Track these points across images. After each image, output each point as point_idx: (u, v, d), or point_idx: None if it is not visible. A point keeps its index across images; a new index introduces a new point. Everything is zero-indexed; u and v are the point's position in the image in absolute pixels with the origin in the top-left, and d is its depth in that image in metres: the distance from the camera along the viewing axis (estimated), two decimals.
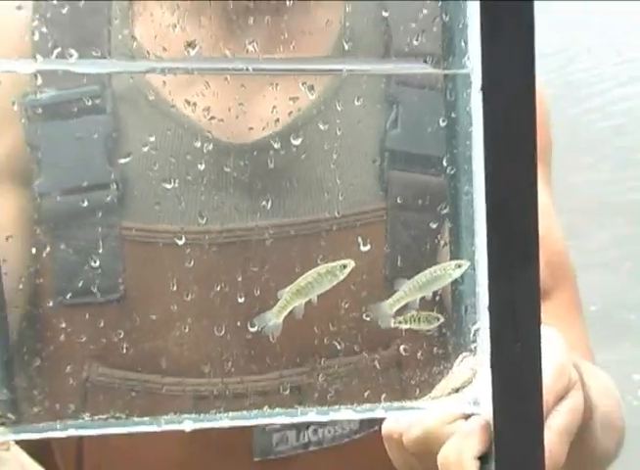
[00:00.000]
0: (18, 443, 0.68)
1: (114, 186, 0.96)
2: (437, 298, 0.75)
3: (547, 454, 0.57)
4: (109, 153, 0.96)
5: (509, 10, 0.54)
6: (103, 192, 0.96)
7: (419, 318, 0.75)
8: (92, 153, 0.96)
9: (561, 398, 0.72)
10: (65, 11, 0.88)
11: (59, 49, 0.82)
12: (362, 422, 0.93)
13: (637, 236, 4.44)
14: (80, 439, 0.92)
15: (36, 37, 0.89)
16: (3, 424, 0.68)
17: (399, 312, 0.75)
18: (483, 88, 0.55)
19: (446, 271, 0.71)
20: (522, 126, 0.55)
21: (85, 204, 0.95)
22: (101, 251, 0.96)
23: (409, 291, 0.74)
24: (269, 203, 0.95)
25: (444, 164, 0.77)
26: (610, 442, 0.90)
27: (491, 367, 0.57)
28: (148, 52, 0.96)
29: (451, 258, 0.78)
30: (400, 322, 0.75)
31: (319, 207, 0.98)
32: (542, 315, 0.56)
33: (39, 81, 0.89)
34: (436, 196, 0.88)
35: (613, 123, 6.02)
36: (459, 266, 0.70)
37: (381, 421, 0.73)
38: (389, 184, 1.01)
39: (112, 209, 0.96)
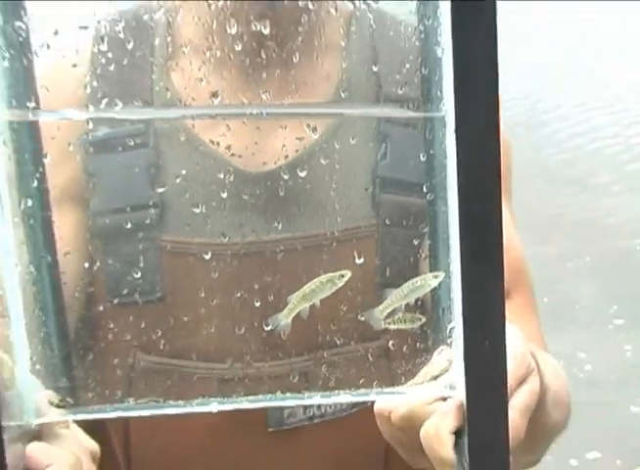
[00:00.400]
0: (75, 422, 0.71)
1: (155, 207, 0.99)
2: (420, 302, 0.76)
3: (510, 429, 0.60)
4: (150, 180, 0.99)
5: (477, 66, 0.56)
6: (145, 212, 0.98)
7: (404, 319, 0.77)
8: (136, 180, 0.99)
9: (521, 382, 0.74)
10: (113, 67, 0.89)
11: (107, 99, 0.86)
12: None
13: (577, 246, 4.57)
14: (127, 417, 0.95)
15: (88, 90, 0.91)
16: (63, 407, 0.70)
17: (388, 314, 0.78)
18: (457, 129, 0.57)
19: (426, 281, 0.74)
20: (488, 160, 0.57)
21: (131, 222, 0.98)
22: (143, 260, 0.98)
23: (395, 298, 0.76)
24: (280, 221, 0.97)
25: (425, 190, 0.78)
26: (560, 415, 0.92)
27: (464, 359, 0.59)
28: (179, 100, 0.98)
29: (430, 269, 0.80)
30: (389, 323, 0.77)
31: (321, 224, 1.00)
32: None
33: (93, 124, 0.92)
34: (419, 216, 0.90)
35: (565, 157, 6.05)
36: (436, 277, 0.72)
37: (373, 401, 0.75)
38: (380, 205, 1.03)
39: (152, 226, 0.99)
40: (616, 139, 6.13)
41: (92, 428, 0.74)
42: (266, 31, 0.84)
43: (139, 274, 0.99)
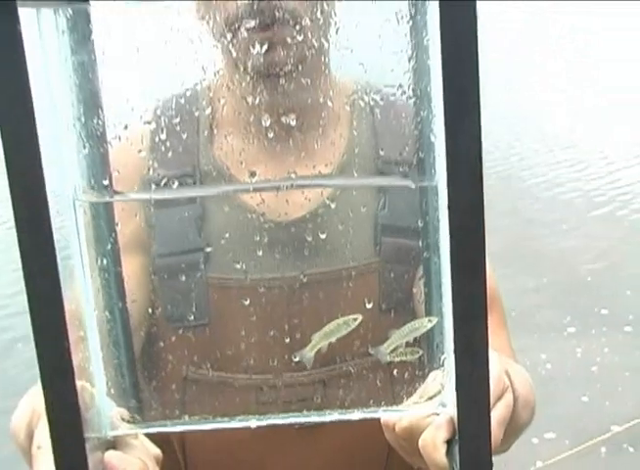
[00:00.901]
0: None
1: (202, 251, 1.03)
2: (418, 337, 0.79)
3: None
4: (198, 228, 1.03)
5: (465, 148, 0.58)
6: (195, 254, 1.03)
7: (405, 353, 0.79)
8: (188, 229, 1.03)
9: (498, 398, 0.78)
10: (168, 146, 0.92)
11: (165, 176, 0.90)
12: None
13: (541, 272, 4.65)
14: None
15: (151, 171, 0.95)
16: (133, 422, 0.74)
17: (392, 350, 0.81)
18: (450, 201, 0.58)
19: (422, 324, 0.76)
20: (472, 221, 0.59)
21: (183, 262, 1.02)
22: (194, 293, 1.02)
23: (397, 337, 0.80)
24: (301, 259, 1.00)
25: (420, 243, 0.80)
26: (527, 415, 0.94)
27: (456, 384, 0.61)
28: (219, 170, 1.03)
29: (425, 309, 0.82)
30: (394, 357, 0.80)
31: (334, 261, 1.03)
32: None
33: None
34: (414, 257, 0.91)
35: (538, 206, 6.10)
36: (430, 321, 0.75)
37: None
38: (381, 246, 1.05)
39: (200, 265, 1.02)
40: (577, 192, 6.19)
41: (156, 436, 0.77)
42: (293, 123, 0.87)
43: (191, 305, 1.02)
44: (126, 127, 0.83)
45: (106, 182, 0.72)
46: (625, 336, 4.02)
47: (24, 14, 0.55)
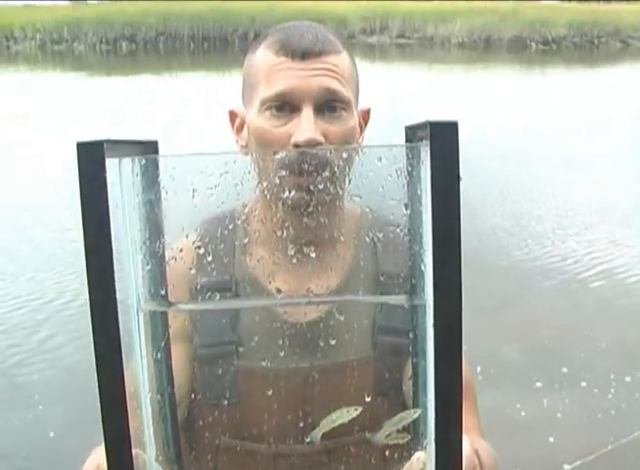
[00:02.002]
0: None
1: (235, 342, 1.05)
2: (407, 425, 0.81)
3: None
4: (232, 325, 1.06)
5: (446, 274, 0.63)
6: (229, 346, 1.05)
7: (397, 437, 0.83)
8: (224, 325, 1.06)
9: None
10: (210, 261, 0.96)
11: (208, 287, 0.94)
12: None
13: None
14: None
15: (197, 282, 1.01)
16: None
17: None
18: (435, 314, 0.63)
19: (410, 415, 0.79)
20: (452, 337, 0.63)
21: (220, 352, 1.05)
22: (227, 377, 1.05)
23: (390, 425, 0.82)
24: (313, 352, 1.03)
25: (410, 349, 0.82)
26: None
27: (436, 463, 0.65)
28: (253, 278, 1.07)
29: (413, 403, 0.84)
30: (387, 440, 0.83)
31: (339, 355, 1.05)
32: None
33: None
34: (404, 353, 0.92)
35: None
36: (416, 412, 0.78)
37: None
38: (377, 344, 1.07)
39: (233, 355, 1.05)
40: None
41: None
42: (312, 255, 0.91)
43: (224, 387, 1.05)
44: (181, 250, 0.88)
45: (162, 292, 0.76)
46: (582, 389, 4.02)
47: (110, 163, 0.60)
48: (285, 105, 1.01)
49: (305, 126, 0.99)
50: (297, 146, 0.99)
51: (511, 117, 11.88)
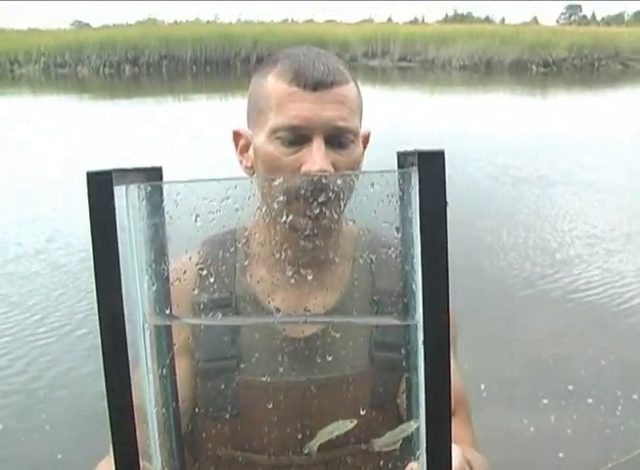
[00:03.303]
0: None
1: (236, 357, 1.08)
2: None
3: None
4: (233, 340, 1.08)
5: (435, 294, 0.65)
6: (230, 361, 1.08)
7: (392, 443, 0.86)
8: (225, 341, 1.08)
9: None
10: (212, 281, 1.00)
11: (210, 304, 0.97)
12: None
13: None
14: None
15: (199, 299, 1.04)
16: None
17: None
18: (425, 332, 0.65)
19: (409, 426, 0.80)
20: (441, 349, 0.66)
21: (221, 367, 1.08)
22: (228, 390, 1.07)
23: (389, 436, 0.85)
24: (311, 367, 1.06)
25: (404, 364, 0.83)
26: None
27: None
28: (253, 296, 1.09)
29: (407, 415, 0.86)
30: (384, 447, 0.87)
31: (336, 369, 1.07)
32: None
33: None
34: (399, 368, 0.91)
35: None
36: (415, 423, 0.78)
37: None
38: (372, 359, 1.09)
39: (234, 368, 1.08)
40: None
41: None
42: (309, 278, 0.94)
43: (225, 400, 1.07)
44: (185, 272, 0.92)
45: (167, 310, 0.80)
46: (589, 406, 3.99)
47: (117, 190, 0.64)
48: (295, 134, 1.04)
49: (317, 157, 1.01)
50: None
51: (513, 138, 11.96)
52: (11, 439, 3.63)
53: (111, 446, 0.66)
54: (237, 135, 1.16)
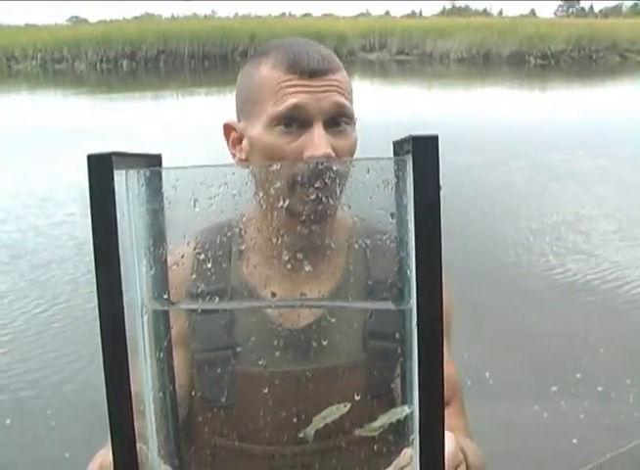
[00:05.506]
0: None
1: (232, 347, 1.08)
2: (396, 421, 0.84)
3: None
4: (229, 331, 1.09)
5: (428, 279, 0.66)
6: (227, 351, 1.08)
7: (368, 429, 0.88)
8: (220, 331, 1.09)
9: (455, 468, 0.85)
10: (208, 268, 1.01)
11: (204, 289, 0.99)
12: None
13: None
14: None
15: (196, 288, 1.04)
16: None
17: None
18: (418, 316, 0.66)
19: (404, 410, 0.81)
20: (435, 334, 0.66)
21: (217, 357, 1.08)
22: (224, 380, 1.08)
23: (382, 420, 0.86)
24: (307, 357, 1.07)
25: (397, 349, 0.84)
26: None
27: (420, 458, 0.67)
28: (249, 285, 1.10)
29: (402, 400, 0.86)
30: (371, 432, 0.88)
31: (331, 359, 1.08)
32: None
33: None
34: (393, 357, 0.94)
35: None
36: (409, 408, 0.79)
37: None
38: (366, 348, 1.10)
39: (230, 359, 1.08)
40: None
41: None
42: (306, 264, 0.95)
43: (221, 390, 1.08)
44: (183, 256, 0.93)
45: (165, 295, 0.81)
46: (599, 393, 4.03)
47: (117, 174, 0.65)
48: (294, 121, 1.05)
49: (320, 142, 1.03)
50: None
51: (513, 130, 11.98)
52: None
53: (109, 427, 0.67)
54: (228, 128, 1.16)
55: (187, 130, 11.60)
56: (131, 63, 29.72)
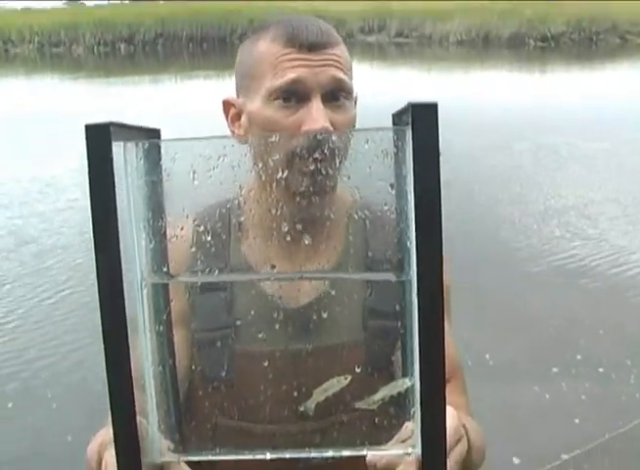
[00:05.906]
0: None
1: (232, 326, 1.08)
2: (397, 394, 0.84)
3: None
4: (228, 309, 1.08)
5: (428, 248, 0.66)
6: (226, 330, 1.08)
7: (381, 402, 0.87)
8: (220, 310, 1.08)
9: (456, 444, 0.84)
10: (208, 244, 1.00)
11: (204, 263, 0.99)
12: None
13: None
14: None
15: (196, 257, 1.02)
16: (176, 451, 0.81)
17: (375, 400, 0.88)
18: (418, 286, 0.66)
19: (404, 382, 0.82)
20: (435, 308, 0.66)
21: (217, 335, 1.07)
22: (223, 358, 1.07)
23: (382, 392, 0.86)
24: (307, 335, 1.06)
25: (397, 325, 0.84)
26: (479, 457, 1.00)
27: (421, 432, 0.68)
28: (245, 261, 1.10)
29: (402, 373, 0.89)
30: (371, 405, 0.88)
31: (331, 337, 1.08)
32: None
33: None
34: (392, 334, 0.97)
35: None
36: (410, 380, 0.79)
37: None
38: (366, 327, 1.10)
39: (230, 337, 1.08)
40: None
41: (194, 463, 0.83)
42: (306, 236, 0.94)
43: (221, 368, 1.07)
44: (182, 229, 0.92)
45: (164, 269, 0.81)
46: (600, 374, 4.07)
47: (115, 146, 0.65)
48: (293, 95, 1.05)
49: (318, 116, 1.03)
50: None
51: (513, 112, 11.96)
52: None
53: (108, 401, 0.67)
54: (227, 104, 1.16)
55: (186, 114, 11.55)
56: (129, 46, 29.62)
